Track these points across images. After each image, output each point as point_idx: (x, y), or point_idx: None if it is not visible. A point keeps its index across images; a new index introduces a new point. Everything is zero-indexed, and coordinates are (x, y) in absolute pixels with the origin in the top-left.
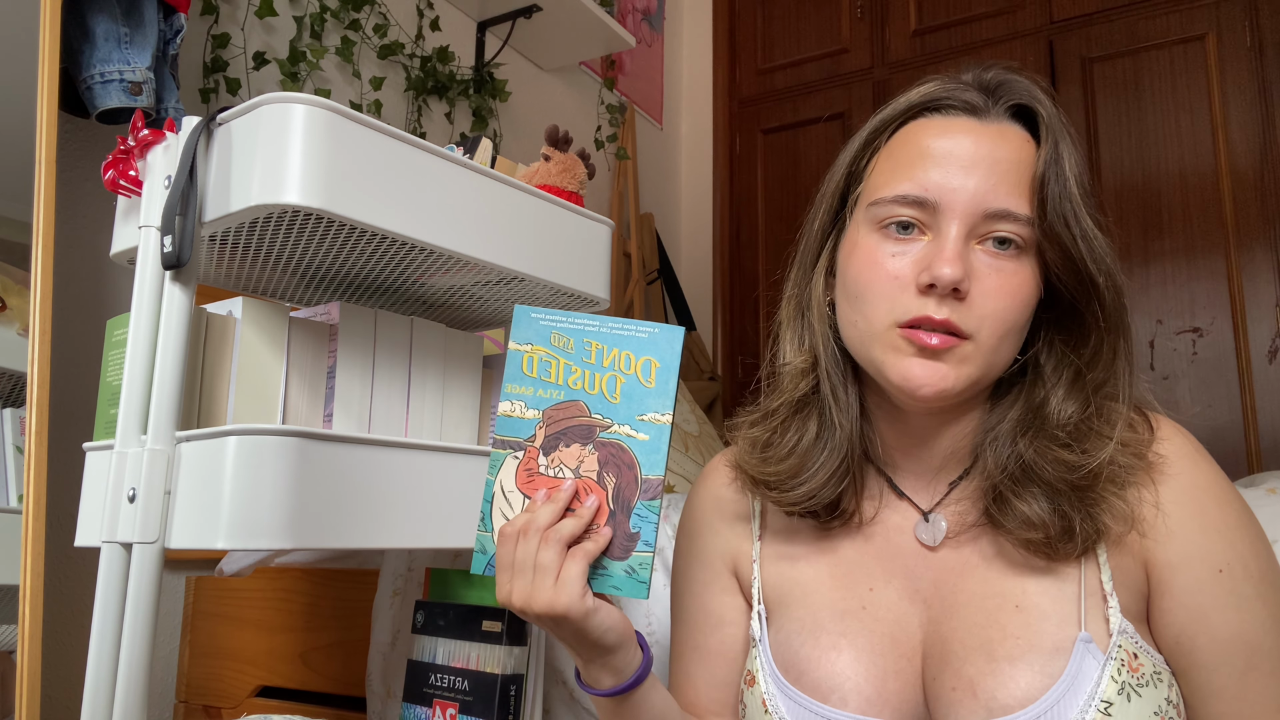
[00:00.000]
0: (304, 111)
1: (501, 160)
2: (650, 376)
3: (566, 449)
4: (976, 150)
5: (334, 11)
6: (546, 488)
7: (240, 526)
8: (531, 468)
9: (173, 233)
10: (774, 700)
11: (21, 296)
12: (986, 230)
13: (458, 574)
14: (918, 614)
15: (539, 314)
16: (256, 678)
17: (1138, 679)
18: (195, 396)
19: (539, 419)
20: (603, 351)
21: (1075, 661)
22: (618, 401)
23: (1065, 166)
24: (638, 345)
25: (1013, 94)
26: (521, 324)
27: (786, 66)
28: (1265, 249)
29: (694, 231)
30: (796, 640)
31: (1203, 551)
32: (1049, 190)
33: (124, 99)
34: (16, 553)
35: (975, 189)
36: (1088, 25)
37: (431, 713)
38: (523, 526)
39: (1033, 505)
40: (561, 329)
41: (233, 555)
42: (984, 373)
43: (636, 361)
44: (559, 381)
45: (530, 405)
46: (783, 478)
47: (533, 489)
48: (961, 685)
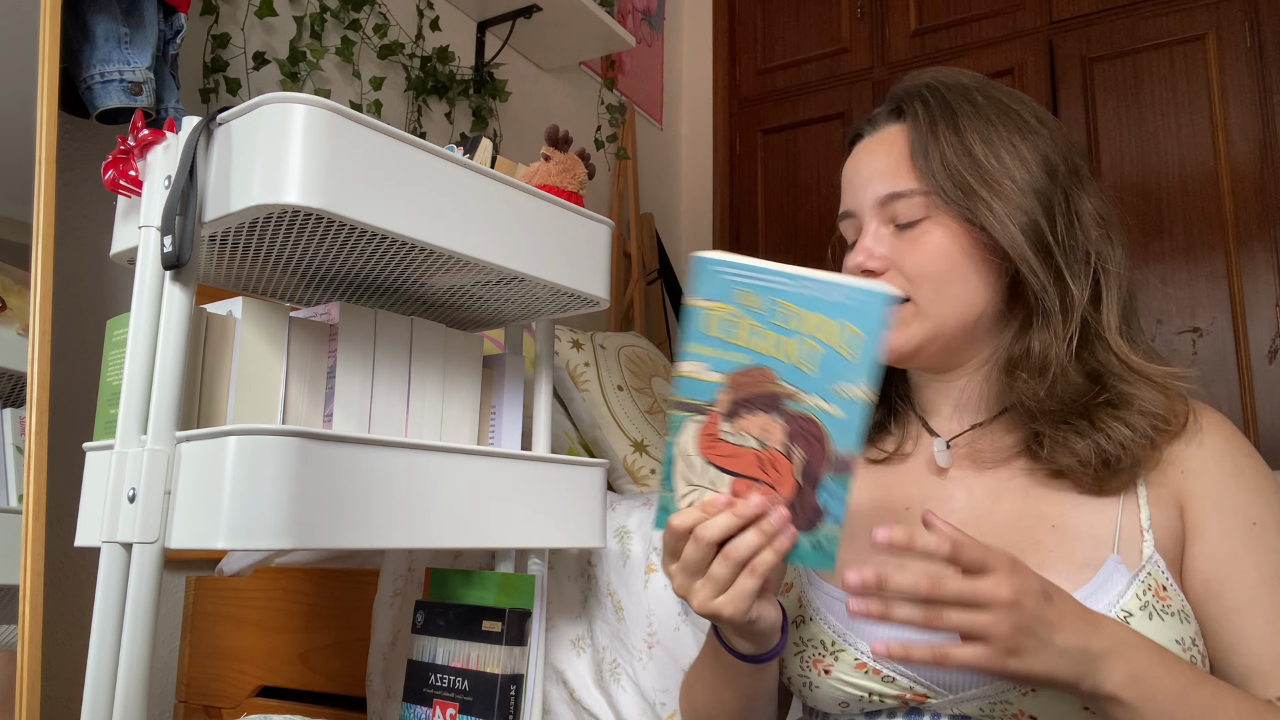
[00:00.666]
0: (304, 111)
1: (501, 160)
2: (848, 346)
3: (751, 417)
4: (865, 159)
5: (334, 11)
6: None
7: (240, 526)
8: (713, 432)
9: (173, 233)
10: (808, 594)
11: (21, 296)
12: (889, 216)
13: (458, 574)
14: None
15: (723, 266)
16: (256, 678)
17: (1163, 606)
18: (195, 396)
19: (723, 383)
20: (796, 315)
21: (1104, 574)
22: (811, 372)
23: (943, 136)
24: (836, 309)
25: (891, 100)
26: (703, 277)
27: (786, 66)
28: (1265, 249)
29: (694, 231)
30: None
31: (1238, 504)
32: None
33: (124, 99)
34: (16, 553)
35: (867, 188)
36: (1088, 25)
37: (432, 713)
38: (693, 530)
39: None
40: (749, 285)
41: (233, 555)
42: (936, 325)
43: (834, 327)
44: (745, 344)
45: (713, 367)
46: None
47: (715, 454)
48: None
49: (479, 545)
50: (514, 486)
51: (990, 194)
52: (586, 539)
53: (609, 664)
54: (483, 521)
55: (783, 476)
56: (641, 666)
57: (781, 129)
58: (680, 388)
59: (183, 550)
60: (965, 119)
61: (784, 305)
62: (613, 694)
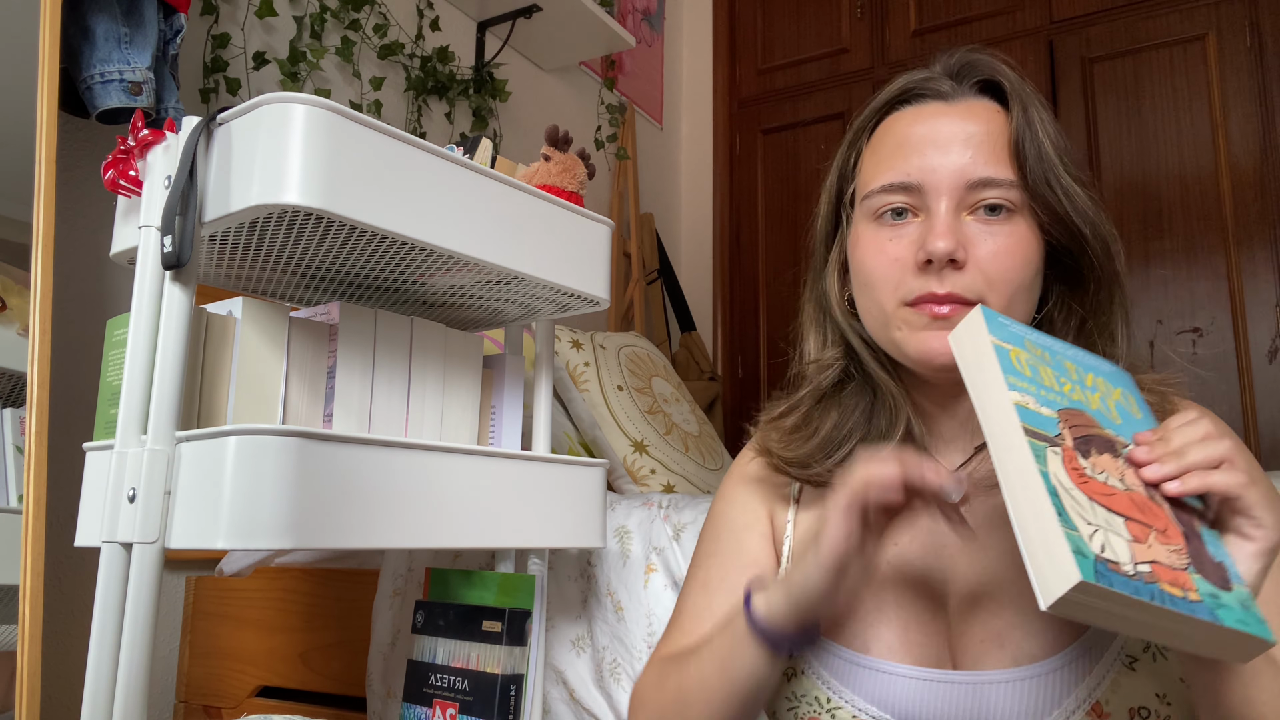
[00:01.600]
0: (304, 111)
1: (501, 160)
2: (1133, 407)
3: (1099, 456)
4: (950, 128)
5: (334, 11)
6: (1101, 497)
7: (240, 526)
8: (1077, 468)
9: (173, 233)
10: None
11: (21, 296)
12: (974, 200)
13: (458, 574)
14: (943, 567)
15: (1005, 320)
16: (256, 678)
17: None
18: (195, 396)
19: (1057, 418)
20: (1079, 372)
21: None
22: (1118, 422)
23: (1038, 129)
24: (1107, 375)
25: (977, 72)
26: (993, 323)
27: (786, 66)
28: (1265, 249)
29: (694, 231)
30: None
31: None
32: (1026, 151)
33: (124, 99)
34: (16, 553)
35: (954, 164)
36: (1088, 25)
37: (432, 712)
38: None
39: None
40: (1033, 340)
41: (233, 555)
42: None
43: (1114, 389)
44: (1054, 387)
45: (1040, 403)
46: (815, 454)
47: (1092, 491)
48: (989, 637)
49: (479, 545)
50: (514, 486)
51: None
52: (586, 539)
53: (609, 664)
54: (483, 521)
55: (1162, 521)
56: (641, 666)
57: (781, 129)
58: (1021, 414)
59: (183, 550)
60: (1047, 114)
61: (1068, 363)
62: (613, 694)
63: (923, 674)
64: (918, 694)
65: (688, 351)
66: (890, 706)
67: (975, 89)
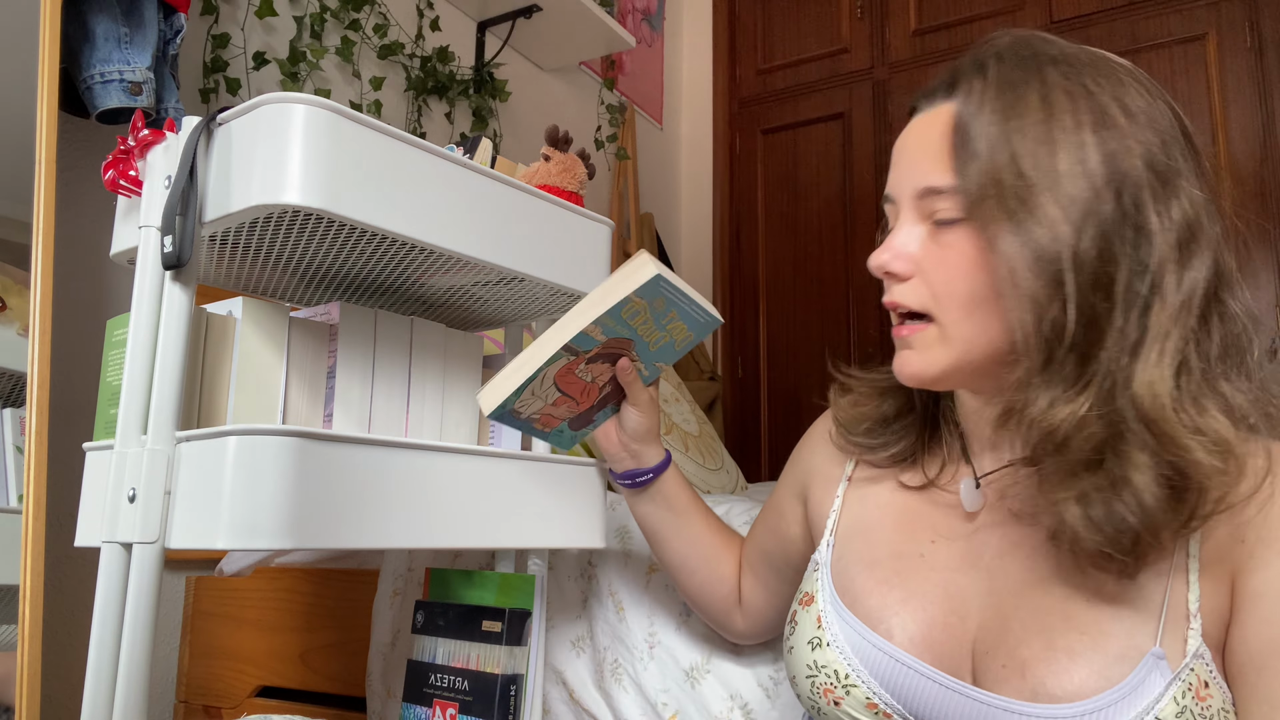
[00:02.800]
0: (304, 111)
1: (501, 160)
2: (680, 344)
3: (600, 365)
4: (911, 138)
5: (334, 11)
6: (567, 385)
7: (240, 526)
8: (573, 368)
9: (173, 233)
10: (828, 617)
11: (21, 296)
12: (929, 210)
13: (458, 574)
14: (977, 581)
15: (663, 282)
16: (256, 678)
17: (1202, 709)
18: (195, 397)
19: (601, 341)
20: (673, 320)
21: (1141, 673)
22: (653, 350)
23: (987, 112)
24: (693, 323)
25: (949, 73)
26: (648, 285)
27: (786, 66)
28: (1265, 249)
29: (694, 231)
30: (854, 569)
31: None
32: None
33: (124, 99)
34: (16, 553)
35: (906, 174)
36: (1088, 25)
37: (431, 713)
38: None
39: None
40: (667, 295)
41: (233, 555)
42: (965, 351)
43: (683, 330)
44: (633, 325)
45: (604, 332)
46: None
47: (563, 381)
48: (1013, 665)
49: (479, 545)
50: (514, 486)
51: (1022, 205)
52: (586, 539)
53: (610, 664)
54: (483, 521)
55: (588, 400)
56: (643, 666)
57: (781, 129)
58: (576, 338)
59: (183, 550)
60: (1026, 103)
61: (673, 314)
62: (613, 694)
63: (941, 678)
64: (933, 695)
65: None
66: (904, 699)
67: (947, 89)
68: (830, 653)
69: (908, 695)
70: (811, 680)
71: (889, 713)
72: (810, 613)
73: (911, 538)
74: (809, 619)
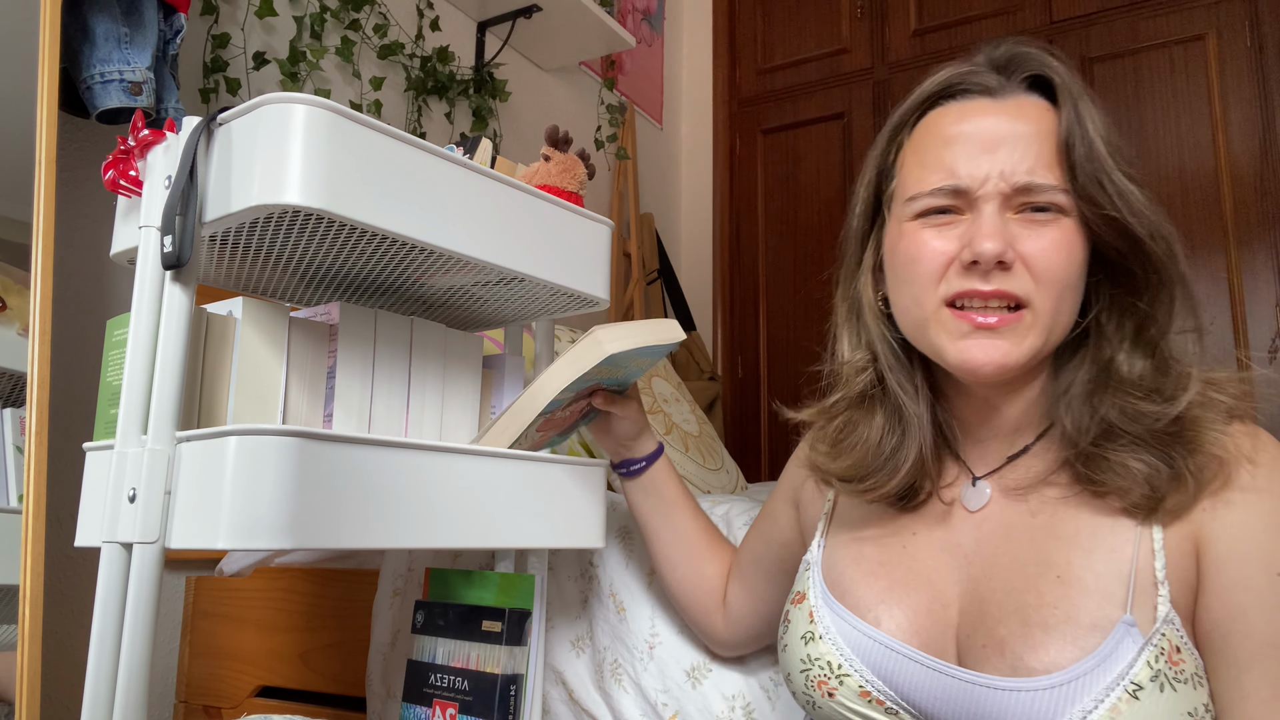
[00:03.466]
0: (304, 111)
1: (501, 160)
2: (647, 367)
3: (572, 405)
4: (997, 128)
5: (334, 11)
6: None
7: (240, 526)
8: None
9: (173, 233)
10: (820, 612)
11: (21, 296)
12: (1021, 202)
13: (458, 574)
14: (957, 568)
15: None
16: (256, 678)
17: (1176, 673)
18: (195, 397)
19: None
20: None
21: (1113, 641)
22: (621, 379)
23: (1089, 127)
24: (654, 356)
25: (1025, 67)
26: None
27: (786, 66)
28: (1265, 249)
29: (694, 231)
30: (843, 564)
31: (1263, 552)
32: (1075, 154)
33: (124, 99)
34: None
35: (1002, 167)
36: (1088, 25)
37: (431, 713)
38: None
39: (1130, 460)
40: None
41: (233, 555)
42: (1045, 339)
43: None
44: (598, 378)
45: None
46: (858, 473)
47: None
48: (992, 644)
49: (479, 545)
50: (514, 486)
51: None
52: (586, 539)
53: (610, 664)
54: (483, 521)
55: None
56: (644, 667)
57: (781, 129)
58: (550, 404)
59: (183, 550)
60: (1097, 110)
61: (631, 360)
62: (612, 695)
63: (929, 661)
64: (922, 679)
65: (688, 351)
66: (895, 685)
67: (1024, 85)
68: (823, 645)
69: (898, 681)
70: (806, 674)
71: (881, 699)
72: (802, 609)
73: (896, 535)
74: (801, 615)
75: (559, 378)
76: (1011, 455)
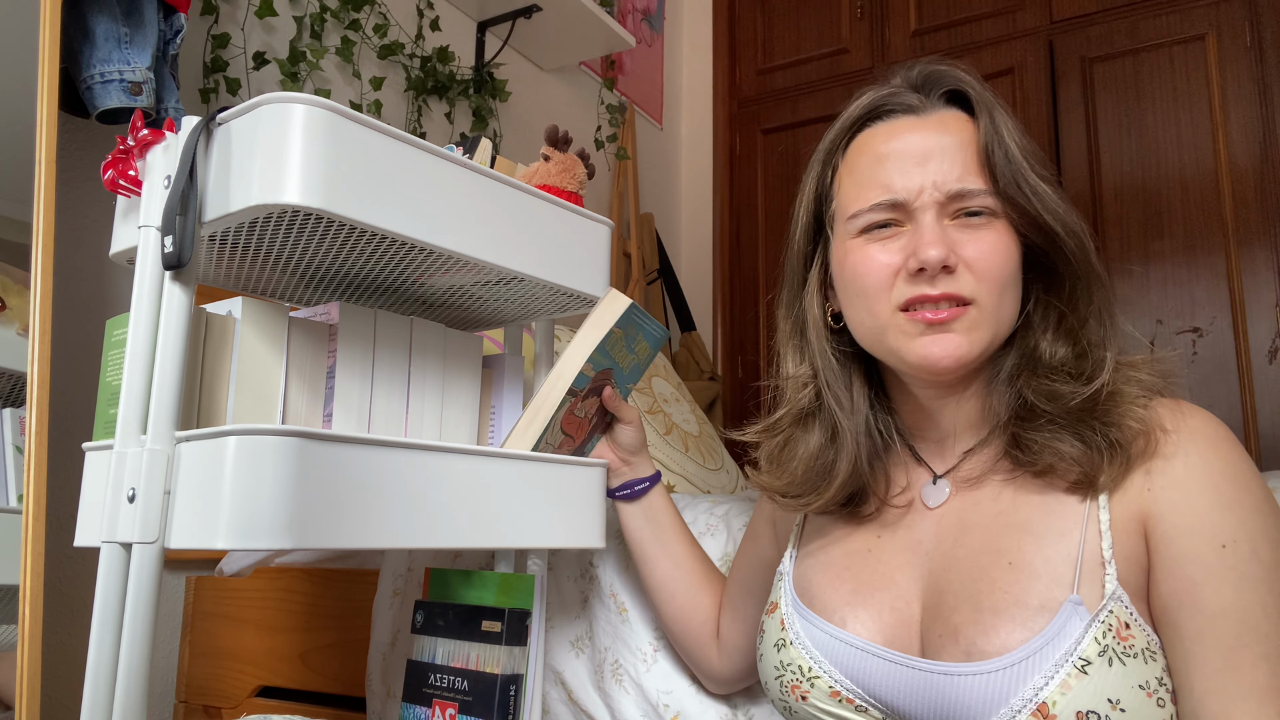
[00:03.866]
0: (304, 111)
1: (501, 160)
2: (644, 361)
3: (591, 399)
4: (925, 143)
5: (334, 11)
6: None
7: (239, 526)
8: (573, 409)
9: (173, 233)
10: (791, 619)
11: (21, 296)
12: (956, 209)
13: (458, 574)
14: (918, 565)
15: (634, 310)
16: (256, 678)
17: (1125, 648)
18: (195, 396)
19: (591, 378)
20: (641, 341)
21: (1060, 620)
22: (625, 372)
23: (1004, 134)
24: (652, 339)
25: (941, 83)
26: (624, 315)
27: (786, 66)
28: (1265, 249)
29: (694, 231)
30: (811, 572)
31: (1206, 525)
32: (995, 159)
33: (124, 99)
34: (16, 553)
35: (935, 178)
36: (1088, 25)
37: (431, 713)
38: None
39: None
40: (636, 321)
41: (233, 555)
42: (994, 333)
43: (646, 349)
44: (613, 355)
45: (595, 368)
46: (795, 489)
47: (568, 424)
48: (948, 632)
49: (479, 545)
50: (514, 486)
51: (1036, 196)
52: (586, 539)
53: (610, 665)
54: (482, 521)
55: (581, 434)
56: (645, 668)
57: (781, 129)
58: (576, 380)
59: (183, 550)
60: (1010, 118)
61: (639, 336)
62: (612, 695)
63: (892, 656)
64: (887, 674)
65: (688, 351)
66: (863, 683)
67: (942, 100)
68: (794, 650)
69: (865, 679)
70: (780, 680)
71: (851, 698)
72: (774, 618)
73: (861, 539)
74: (773, 624)
75: (586, 342)
76: (967, 450)
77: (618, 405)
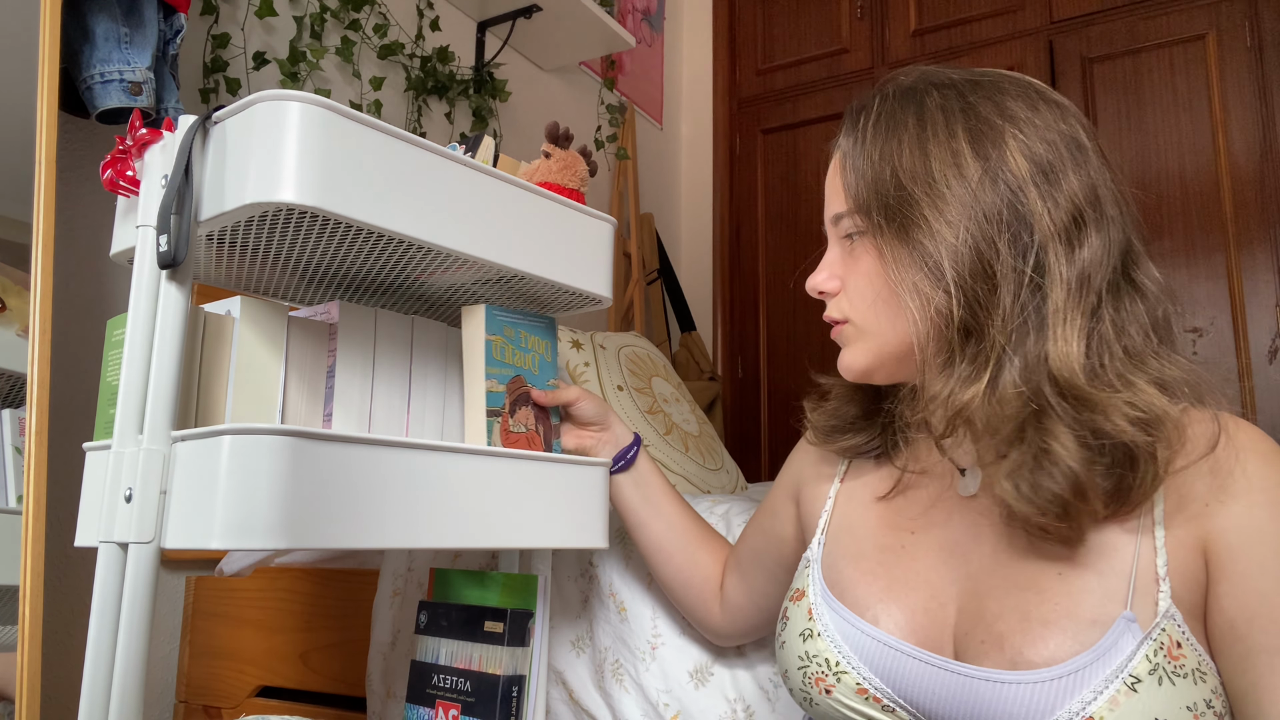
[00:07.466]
0: (299, 109)
1: (504, 158)
2: (548, 355)
3: (521, 410)
4: (828, 174)
5: (334, 11)
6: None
7: (234, 526)
8: (505, 427)
9: (168, 232)
10: (819, 609)
11: (21, 296)
12: (841, 233)
13: (461, 574)
14: (954, 566)
15: (498, 312)
16: (256, 678)
17: (1176, 667)
18: (193, 396)
19: (504, 392)
20: (528, 337)
21: (1113, 635)
22: (536, 373)
23: (861, 151)
24: (542, 332)
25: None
26: (490, 320)
27: (786, 66)
28: (1265, 249)
29: (694, 231)
30: (843, 563)
31: (1273, 536)
32: (845, 179)
33: (124, 99)
34: (16, 553)
35: (825, 207)
36: (1088, 25)
37: (434, 713)
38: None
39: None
40: (509, 323)
41: (232, 555)
42: (880, 343)
43: (542, 344)
44: (510, 361)
45: (500, 381)
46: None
47: (508, 443)
48: (990, 639)
49: (480, 545)
50: (515, 486)
51: (901, 212)
52: (588, 539)
53: (611, 665)
54: (483, 521)
55: (536, 445)
56: (645, 668)
57: (781, 129)
58: (487, 400)
59: (183, 550)
60: (903, 126)
61: (524, 333)
62: (613, 695)
63: (928, 657)
64: (920, 675)
65: (688, 351)
66: (894, 682)
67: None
68: (821, 642)
69: (896, 678)
70: (803, 671)
71: (879, 696)
72: (801, 606)
73: (894, 533)
74: (800, 612)
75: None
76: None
77: (552, 397)
